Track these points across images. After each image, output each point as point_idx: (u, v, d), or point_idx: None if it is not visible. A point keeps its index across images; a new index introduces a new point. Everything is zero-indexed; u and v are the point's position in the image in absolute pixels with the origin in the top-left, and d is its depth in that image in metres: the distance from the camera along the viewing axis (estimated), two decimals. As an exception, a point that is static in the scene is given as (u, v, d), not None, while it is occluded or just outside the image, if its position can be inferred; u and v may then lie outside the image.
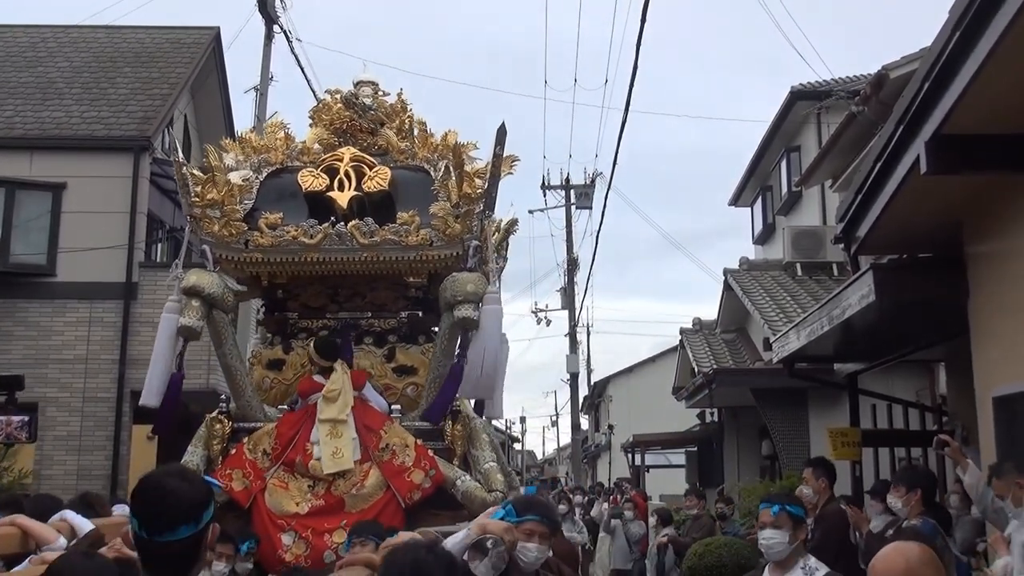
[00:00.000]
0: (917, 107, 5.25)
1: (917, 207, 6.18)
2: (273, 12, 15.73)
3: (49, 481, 13.20)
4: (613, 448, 31.03)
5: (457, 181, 5.25)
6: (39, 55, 17.39)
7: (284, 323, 5.72)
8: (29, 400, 13.76)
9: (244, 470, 5.10)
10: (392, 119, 6.01)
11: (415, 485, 4.99)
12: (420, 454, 5.07)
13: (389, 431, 5.17)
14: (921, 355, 8.83)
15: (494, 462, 5.33)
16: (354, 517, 4.92)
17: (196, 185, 5.26)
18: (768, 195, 19.03)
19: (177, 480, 2.40)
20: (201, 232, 5.31)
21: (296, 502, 5.02)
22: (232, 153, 5.73)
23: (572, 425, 30.68)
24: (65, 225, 14.33)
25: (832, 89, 15.32)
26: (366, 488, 5.01)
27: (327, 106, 6.01)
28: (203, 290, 5.06)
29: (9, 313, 14.05)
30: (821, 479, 6.68)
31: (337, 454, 5.11)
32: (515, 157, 5.53)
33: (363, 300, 5.73)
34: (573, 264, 29.15)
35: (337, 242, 5.27)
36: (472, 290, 4.96)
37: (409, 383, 5.49)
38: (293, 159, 5.81)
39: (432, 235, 5.27)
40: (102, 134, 15.05)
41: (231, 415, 5.37)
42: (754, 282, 14.40)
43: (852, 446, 8.83)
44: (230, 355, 5.31)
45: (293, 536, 4.93)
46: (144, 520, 2.34)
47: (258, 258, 5.35)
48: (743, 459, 15.31)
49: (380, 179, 5.45)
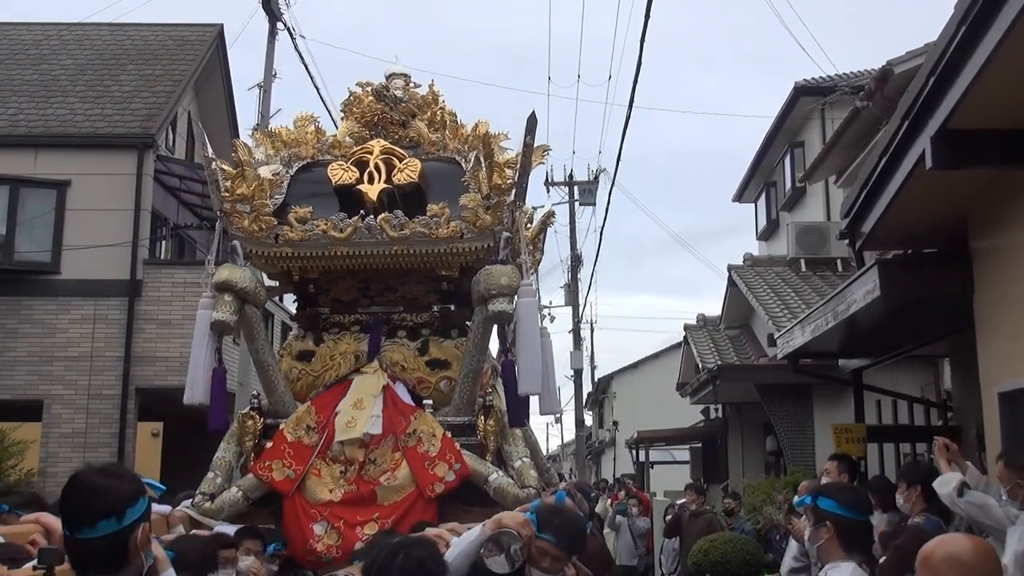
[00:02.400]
0: (923, 102, 5.23)
1: (922, 202, 6.16)
2: (276, 9, 15.74)
3: (55, 479, 13.23)
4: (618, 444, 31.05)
5: (487, 172, 5.18)
6: (43, 52, 17.42)
7: (316, 318, 5.69)
8: (34, 398, 13.83)
9: (284, 459, 5.07)
10: (423, 111, 5.96)
11: (437, 477, 4.92)
12: (446, 446, 5.01)
13: (419, 418, 5.14)
14: (926, 351, 8.81)
15: (527, 458, 5.27)
16: (386, 511, 4.89)
17: (226, 180, 5.22)
18: (772, 191, 19.00)
19: (102, 476, 2.34)
20: (231, 227, 5.28)
21: (329, 489, 4.99)
22: (262, 147, 5.69)
23: (576, 421, 30.68)
24: (69, 222, 14.36)
25: (836, 85, 15.30)
26: (397, 479, 4.97)
27: (358, 99, 5.95)
28: (235, 285, 5.02)
29: (14, 310, 14.09)
30: (843, 474, 6.66)
31: (351, 424, 5.08)
32: (546, 147, 5.47)
33: (394, 294, 5.68)
34: (577, 260, 29.15)
35: (367, 235, 5.22)
36: (506, 283, 4.87)
37: (442, 377, 5.44)
38: (324, 153, 5.78)
39: (463, 227, 5.21)
40: (106, 131, 15.07)
41: (263, 411, 5.34)
42: (758, 278, 14.38)
43: (857, 442, 8.82)
44: (262, 350, 5.28)
45: (325, 526, 4.90)
46: (65, 516, 2.30)
47: (288, 252, 5.31)
48: (748, 455, 15.30)
49: (410, 171, 5.40)
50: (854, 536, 3.41)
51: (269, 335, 6.46)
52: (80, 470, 2.38)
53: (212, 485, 5.11)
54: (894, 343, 8.71)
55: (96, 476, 2.30)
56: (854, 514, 3.43)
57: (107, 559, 2.28)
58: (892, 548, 4.51)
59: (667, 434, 20.97)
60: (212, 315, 4.97)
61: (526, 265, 5.11)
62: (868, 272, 6.84)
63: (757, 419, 14.56)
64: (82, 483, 2.30)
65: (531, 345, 4.93)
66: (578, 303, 29.31)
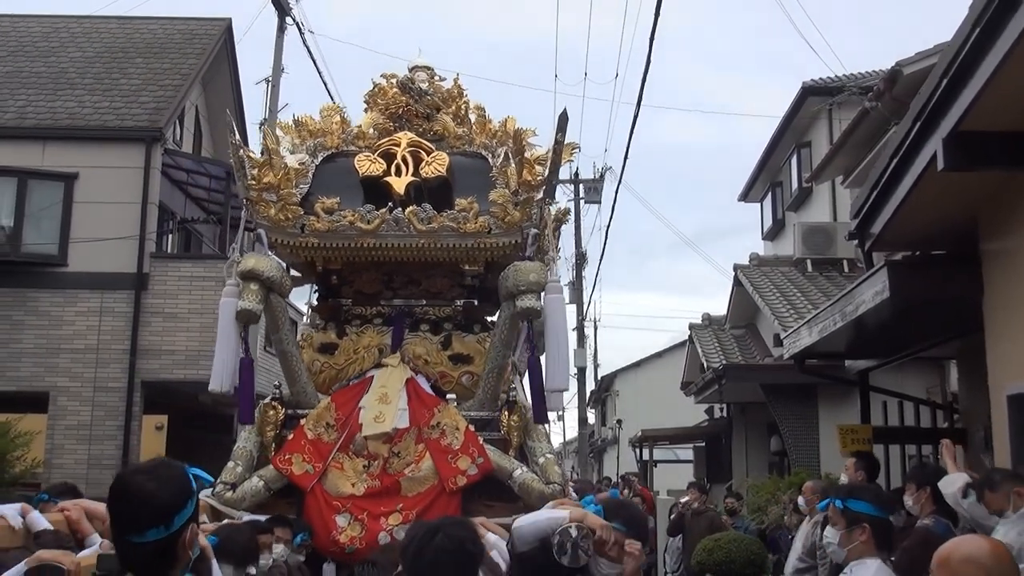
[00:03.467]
0: (935, 104, 5.23)
1: (933, 204, 6.16)
2: (285, 3, 15.74)
3: (60, 470, 13.26)
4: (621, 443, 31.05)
5: (517, 168, 5.16)
6: (52, 45, 17.43)
7: (337, 309, 5.67)
8: (40, 389, 13.86)
9: (304, 454, 5.06)
10: (448, 104, 5.94)
11: (459, 471, 4.91)
12: (469, 440, 4.99)
13: (442, 411, 5.13)
14: (932, 352, 8.81)
15: (551, 454, 5.26)
16: (410, 502, 4.88)
17: (252, 168, 5.20)
18: (778, 191, 18.98)
19: (146, 479, 2.27)
20: (257, 216, 5.26)
21: (352, 483, 4.97)
22: (289, 136, 5.67)
23: (579, 419, 30.66)
24: (77, 215, 14.38)
25: (844, 85, 15.27)
26: (421, 471, 4.96)
27: (382, 91, 5.92)
28: (262, 273, 4.99)
29: (21, 302, 14.11)
30: (860, 472, 6.67)
31: (379, 418, 5.06)
32: (575, 144, 5.43)
33: (418, 287, 5.65)
34: (581, 259, 29.14)
35: (394, 228, 5.20)
36: (535, 279, 4.86)
37: (464, 372, 5.42)
38: (348, 143, 5.75)
39: (491, 222, 5.18)
40: (114, 125, 15.09)
41: (284, 401, 5.32)
42: (764, 278, 14.38)
43: (862, 443, 8.81)
44: (286, 340, 5.25)
45: (348, 518, 4.89)
46: (113, 519, 2.28)
47: (314, 243, 5.28)
48: (752, 455, 15.30)
49: (438, 165, 5.38)
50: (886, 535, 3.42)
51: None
52: (125, 472, 2.34)
53: (233, 475, 5.09)
54: (901, 344, 8.70)
55: (143, 479, 2.25)
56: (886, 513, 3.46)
57: (155, 561, 2.26)
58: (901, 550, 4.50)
59: (671, 433, 20.97)
60: (238, 304, 4.94)
61: (554, 262, 5.10)
62: (877, 273, 6.84)
63: (761, 419, 14.56)
64: (129, 488, 2.25)
65: (559, 341, 4.93)
66: (582, 301, 29.31)
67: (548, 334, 4.93)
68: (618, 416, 34.82)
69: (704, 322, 17.54)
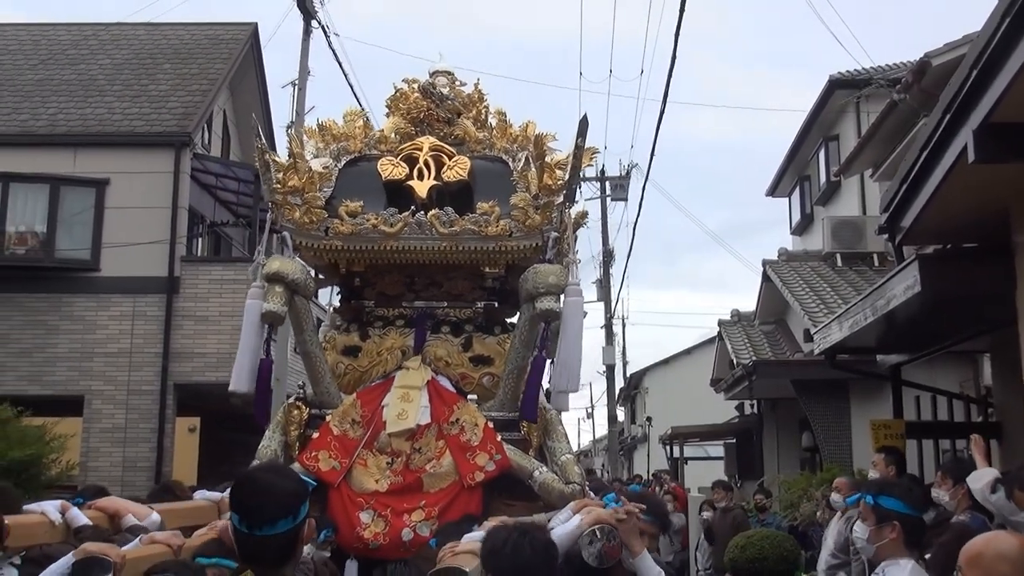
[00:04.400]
0: (965, 95, 5.18)
1: (963, 196, 6.10)
2: (311, 7, 15.82)
3: (95, 473, 13.44)
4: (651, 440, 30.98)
5: (538, 172, 5.21)
6: (81, 53, 17.64)
7: (360, 311, 5.75)
8: (75, 393, 14.04)
9: (330, 451, 5.13)
10: (469, 109, 6.00)
11: (478, 467, 4.97)
12: (488, 437, 5.06)
13: (462, 408, 5.19)
14: (965, 346, 8.73)
15: (571, 454, 5.30)
16: (432, 498, 4.93)
17: (278, 171, 5.29)
18: (806, 185, 18.87)
19: (274, 476, 2.48)
20: (282, 219, 5.34)
21: (375, 479, 5.04)
22: (312, 141, 5.76)
23: (608, 417, 30.62)
24: (108, 220, 14.56)
25: (871, 77, 15.15)
26: (443, 467, 5.01)
27: (404, 95, 5.99)
28: (286, 276, 5.08)
29: (55, 308, 14.30)
30: (891, 467, 6.63)
31: (402, 415, 5.13)
32: (595, 149, 5.51)
33: (439, 289, 5.72)
34: (609, 256, 29.10)
35: (417, 231, 5.27)
36: (555, 282, 4.92)
37: (485, 373, 5.48)
38: (371, 148, 5.83)
39: (512, 226, 5.24)
40: (143, 130, 15.25)
41: (308, 401, 5.41)
42: (793, 273, 14.30)
43: (896, 438, 8.76)
44: (310, 341, 5.33)
45: (372, 514, 4.95)
46: (244, 515, 2.40)
47: (337, 246, 5.36)
48: (783, 451, 15.23)
49: (460, 169, 5.45)
50: (917, 533, 3.37)
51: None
52: (251, 471, 2.55)
53: None
54: (933, 338, 8.63)
55: (270, 476, 2.44)
56: (918, 511, 3.41)
57: (281, 553, 2.42)
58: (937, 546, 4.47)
59: (701, 430, 20.90)
60: (264, 306, 5.02)
61: (574, 265, 5.14)
62: (908, 267, 6.79)
63: (792, 415, 14.49)
64: (257, 483, 2.43)
65: (574, 344, 4.97)
66: (610, 299, 29.27)
67: (563, 336, 4.97)
68: (648, 413, 34.71)
69: (733, 318, 17.46)
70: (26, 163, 14.67)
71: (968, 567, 2.35)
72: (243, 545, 2.43)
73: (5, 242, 14.48)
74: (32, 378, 14.07)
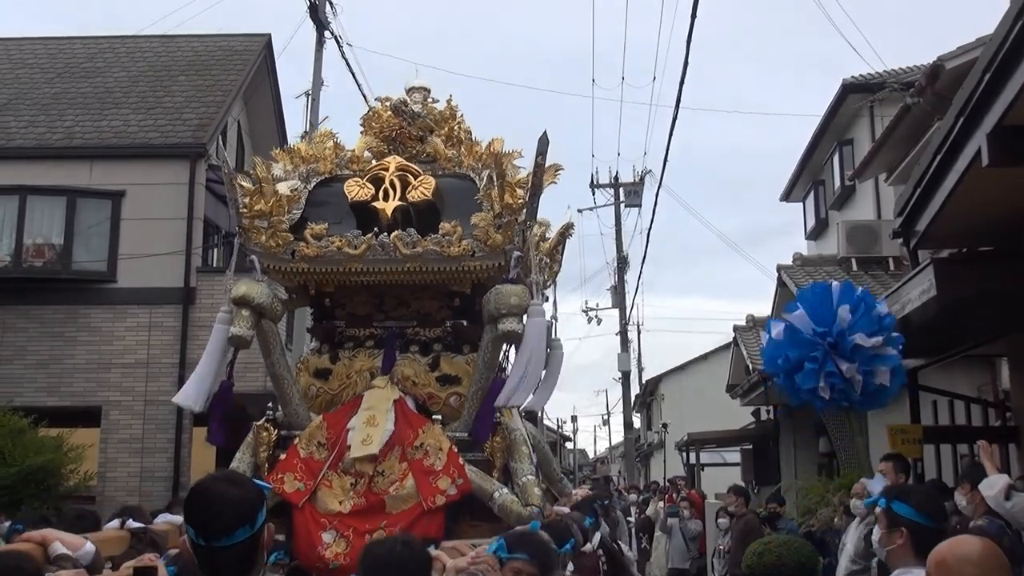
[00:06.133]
0: (978, 98, 5.17)
1: (978, 200, 6.08)
2: (324, 18, 15.90)
3: (113, 483, 13.51)
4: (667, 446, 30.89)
5: (499, 191, 5.23)
6: (97, 66, 17.76)
7: (332, 331, 5.78)
8: (92, 404, 14.11)
9: (296, 472, 5.18)
10: (441, 126, 6.01)
11: (439, 490, 5.01)
12: (451, 461, 5.09)
13: (427, 431, 5.21)
14: (983, 350, 8.68)
15: (532, 475, 5.30)
16: (394, 519, 4.97)
17: (244, 196, 5.34)
18: (820, 190, 18.81)
19: (227, 485, 2.42)
20: (249, 243, 5.40)
21: (339, 500, 5.09)
22: (281, 163, 5.79)
23: (624, 423, 30.60)
24: (124, 232, 14.65)
25: (885, 81, 15.10)
26: (405, 489, 5.06)
27: (377, 114, 6.03)
28: (252, 300, 5.13)
29: (72, 319, 14.39)
30: (900, 475, 6.57)
31: (367, 440, 5.17)
32: (558, 166, 5.49)
33: (408, 309, 5.74)
34: (623, 262, 29.08)
35: (380, 252, 5.30)
36: (516, 303, 4.92)
37: (452, 393, 5.49)
38: (342, 168, 5.85)
39: (474, 246, 5.26)
40: (159, 142, 15.35)
41: (277, 423, 5.47)
42: (808, 278, 14.23)
43: (913, 443, 8.70)
44: (278, 364, 5.39)
45: (334, 535, 4.99)
46: (200, 527, 2.36)
47: (304, 268, 5.41)
48: (800, 457, 15.14)
49: (424, 189, 5.46)
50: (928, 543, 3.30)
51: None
52: (203, 481, 2.46)
53: None
54: (950, 342, 8.59)
55: (223, 485, 2.39)
56: (930, 521, 3.33)
57: (242, 561, 2.38)
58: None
59: (717, 436, 20.84)
60: (230, 330, 5.08)
61: (537, 285, 5.13)
62: (923, 271, 6.77)
63: (809, 420, 14.41)
64: (211, 494, 2.38)
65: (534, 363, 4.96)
66: (625, 305, 29.23)
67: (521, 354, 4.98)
68: (664, 420, 34.65)
69: (748, 324, 17.41)
70: (43, 176, 14.78)
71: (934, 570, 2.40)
72: (202, 558, 2.38)
73: (23, 254, 14.59)
74: (50, 389, 14.16)
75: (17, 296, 14.34)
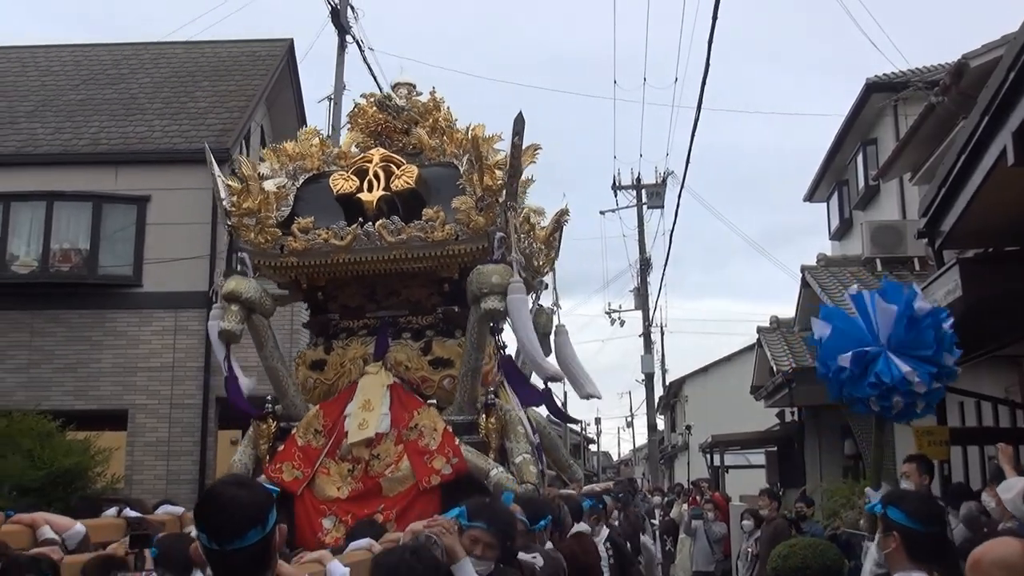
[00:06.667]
0: (1003, 97, 5.12)
1: (1003, 199, 6.03)
2: (346, 23, 15.98)
3: (139, 486, 13.61)
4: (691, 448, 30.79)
5: (479, 174, 5.27)
6: (122, 72, 17.93)
7: (326, 324, 5.83)
8: (119, 407, 14.24)
9: (294, 461, 5.23)
10: (425, 118, 6.06)
11: (434, 470, 5.05)
12: (446, 441, 5.14)
13: (422, 413, 5.25)
14: (1009, 350, 8.60)
15: (528, 454, 5.36)
16: (391, 502, 5.02)
17: (232, 195, 5.40)
18: (844, 190, 18.70)
19: (236, 488, 2.43)
20: (239, 240, 5.46)
21: (337, 486, 5.14)
22: (267, 162, 5.85)
23: (648, 426, 30.51)
24: (150, 237, 14.77)
25: (909, 80, 15.01)
26: (400, 471, 5.10)
27: (362, 110, 6.09)
28: (241, 295, 5.21)
29: (99, 323, 14.52)
30: (924, 475, 6.51)
31: (363, 425, 5.23)
32: (536, 146, 5.54)
33: (399, 298, 5.81)
34: (646, 264, 29.01)
35: (366, 242, 5.36)
36: (498, 281, 4.98)
37: (446, 375, 5.54)
38: (330, 164, 5.91)
39: (457, 229, 5.30)
40: (183, 147, 15.45)
41: (276, 415, 5.52)
42: (832, 279, 14.16)
43: (940, 445, 8.63)
44: (271, 356, 5.46)
45: (334, 520, 5.05)
46: (212, 532, 2.37)
47: (293, 262, 5.48)
48: (825, 459, 15.06)
49: (407, 178, 5.53)
50: (921, 547, 3.35)
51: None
52: (214, 486, 2.47)
53: None
54: (976, 343, 8.49)
55: (232, 488, 2.40)
56: (921, 525, 3.37)
57: (255, 565, 2.39)
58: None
59: (742, 438, 20.75)
60: (220, 324, 5.16)
61: (519, 263, 5.14)
62: (949, 271, 6.72)
63: (835, 422, 14.33)
64: (222, 497, 2.39)
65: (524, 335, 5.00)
66: (648, 307, 29.17)
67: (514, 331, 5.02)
68: (688, 422, 34.55)
69: (772, 325, 17.33)
70: (69, 181, 14.92)
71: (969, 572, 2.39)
72: (215, 562, 2.39)
73: (50, 259, 14.73)
74: (78, 393, 14.29)
75: (44, 301, 14.49)
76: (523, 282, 5.19)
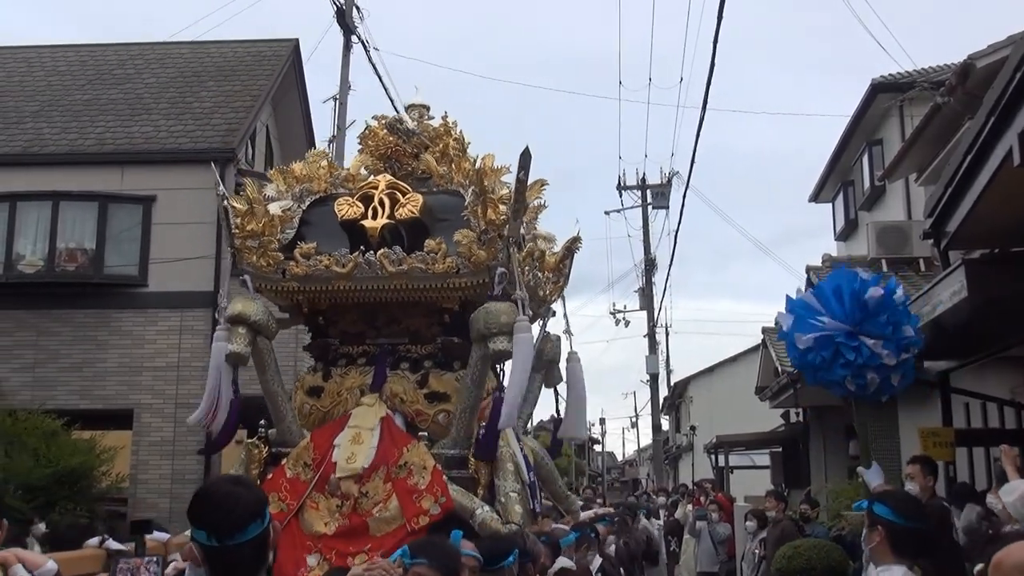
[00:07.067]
0: (1010, 97, 5.12)
1: (1009, 199, 6.01)
2: (351, 23, 15.99)
3: (144, 485, 13.65)
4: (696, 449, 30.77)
5: (482, 208, 5.23)
6: (127, 72, 17.97)
7: (326, 349, 5.81)
8: (124, 407, 14.27)
9: (280, 493, 5.20)
10: (435, 143, 6.00)
11: (422, 510, 4.99)
12: (435, 479, 5.07)
13: (412, 450, 5.20)
14: (1015, 351, 8.58)
15: (515, 492, 5.28)
16: (377, 542, 4.96)
17: (236, 217, 5.38)
18: (850, 190, 18.67)
19: (233, 485, 2.48)
20: (241, 262, 5.44)
21: (325, 522, 5.09)
22: (273, 184, 5.84)
23: (653, 426, 30.50)
24: (155, 236, 14.80)
25: (915, 80, 14.98)
26: (388, 511, 5.05)
27: (373, 132, 6.05)
28: (248, 317, 5.17)
29: (104, 323, 14.56)
30: (928, 477, 6.52)
31: (351, 459, 5.17)
32: (543, 181, 5.51)
33: (399, 326, 5.75)
34: (651, 264, 28.99)
35: (367, 270, 5.32)
36: (506, 321, 4.89)
37: (440, 410, 5.48)
38: (337, 187, 5.88)
39: (458, 262, 5.26)
40: (188, 147, 15.48)
41: (269, 440, 5.50)
42: (838, 280, 14.12)
43: (945, 446, 8.62)
44: (272, 381, 5.43)
45: (318, 558, 5.00)
46: (212, 528, 2.38)
47: (294, 287, 5.46)
48: (830, 460, 15.04)
49: (412, 206, 5.47)
50: (905, 541, 3.56)
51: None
52: (208, 485, 2.54)
53: None
54: (982, 344, 8.49)
55: (227, 485, 2.44)
56: (904, 520, 3.56)
57: (254, 559, 2.41)
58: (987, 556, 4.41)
59: (747, 438, 20.74)
60: (227, 347, 5.13)
61: (523, 301, 5.09)
62: (954, 272, 6.70)
63: (839, 422, 14.31)
64: (219, 494, 2.41)
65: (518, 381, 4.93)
66: (653, 307, 29.15)
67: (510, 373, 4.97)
68: (692, 422, 34.52)
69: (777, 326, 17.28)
70: (75, 181, 14.96)
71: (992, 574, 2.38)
72: (216, 559, 2.39)
73: (56, 259, 14.77)
74: (83, 392, 14.33)
75: (50, 300, 14.53)
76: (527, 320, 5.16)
